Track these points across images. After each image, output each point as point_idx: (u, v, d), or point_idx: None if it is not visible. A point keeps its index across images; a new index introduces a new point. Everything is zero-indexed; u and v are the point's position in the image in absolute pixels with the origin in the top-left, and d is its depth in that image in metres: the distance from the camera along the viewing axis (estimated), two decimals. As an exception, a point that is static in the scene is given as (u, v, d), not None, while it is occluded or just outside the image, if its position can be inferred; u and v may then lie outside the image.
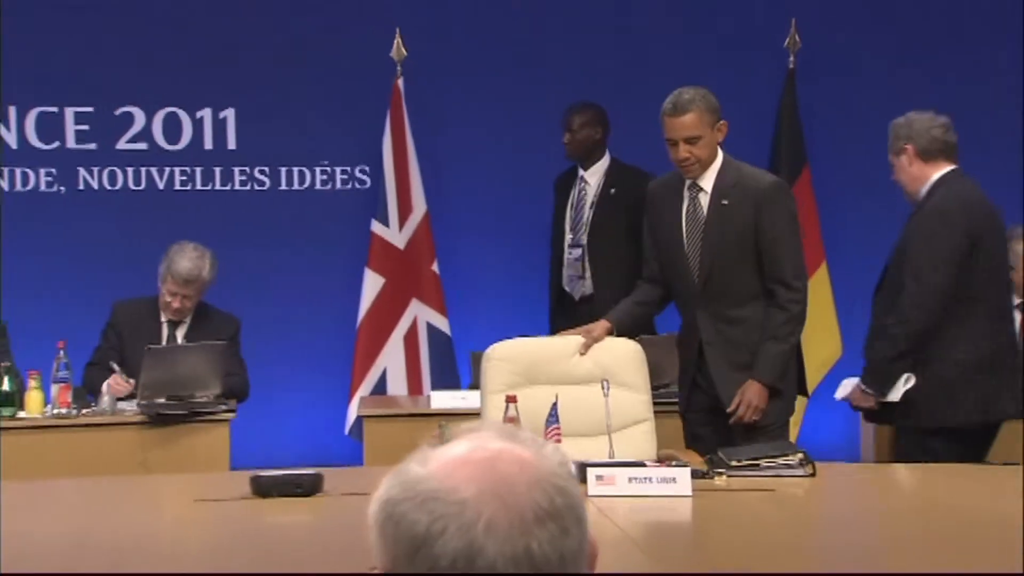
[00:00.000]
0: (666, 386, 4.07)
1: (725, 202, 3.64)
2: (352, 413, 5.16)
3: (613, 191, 4.89)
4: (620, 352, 3.59)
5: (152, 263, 4.57)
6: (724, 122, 3.64)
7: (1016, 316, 4.60)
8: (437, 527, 0.96)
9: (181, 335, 4.54)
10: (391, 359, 5.31)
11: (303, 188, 5.59)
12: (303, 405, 5.49)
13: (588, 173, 4.96)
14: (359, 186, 5.61)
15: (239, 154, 5.55)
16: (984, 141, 5.66)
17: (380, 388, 5.27)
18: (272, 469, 3.05)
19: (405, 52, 5.40)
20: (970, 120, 5.65)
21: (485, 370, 3.56)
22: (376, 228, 5.35)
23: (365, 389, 5.24)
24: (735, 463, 3.12)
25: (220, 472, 3.95)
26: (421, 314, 5.35)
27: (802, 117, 5.52)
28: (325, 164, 5.60)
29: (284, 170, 5.58)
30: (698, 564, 2.52)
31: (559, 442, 3.08)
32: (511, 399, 3.15)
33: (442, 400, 4.39)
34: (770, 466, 3.12)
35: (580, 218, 4.93)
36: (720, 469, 3.10)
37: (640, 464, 3.04)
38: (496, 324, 4.98)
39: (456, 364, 5.34)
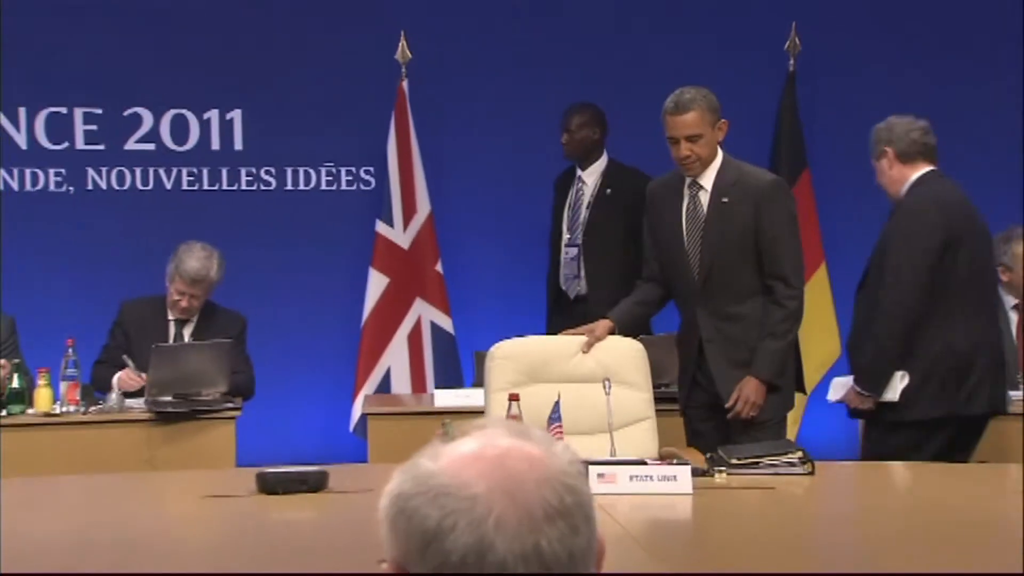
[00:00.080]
0: (666, 385, 4.08)
1: (725, 200, 3.65)
2: (356, 411, 5.17)
3: (609, 191, 4.89)
4: (622, 351, 3.61)
5: (159, 262, 4.58)
6: (724, 121, 3.67)
7: (1013, 316, 4.61)
8: (448, 522, 0.97)
9: (188, 334, 4.55)
10: (395, 358, 5.32)
11: (309, 188, 5.60)
12: (308, 403, 5.50)
13: (586, 173, 4.96)
14: (364, 187, 5.61)
15: (245, 155, 5.56)
16: (984, 142, 5.68)
17: (384, 386, 5.28)
18: (278, 466, 3.06)
19: (410, 55, 5.40)
20: (970, 122, 5.68)
21: (489, 368, 3.57)
22: (380, 228, 5.36)
23: (369, 387, 5.25)
24: (735, 461, 3.12)
25: (226, 469, 3.95)
26: (425, 313, 5.35)
27: (802, 119, 5.52)
28: (330, 165, 5.61)
29: (290, 170, 5.59)
30: (698, 561, 2.53)
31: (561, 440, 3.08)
32: (514, 397, 3.15)
33: (445, 398, 4.39)
34: (770, 464, 3.12)
35: (577, 218, 4.93)
36: (720, 467, 3.10)
37: (641, 462, 3.05)
38: (499, 323, 4.98)
39: (459, 363, 5.34)
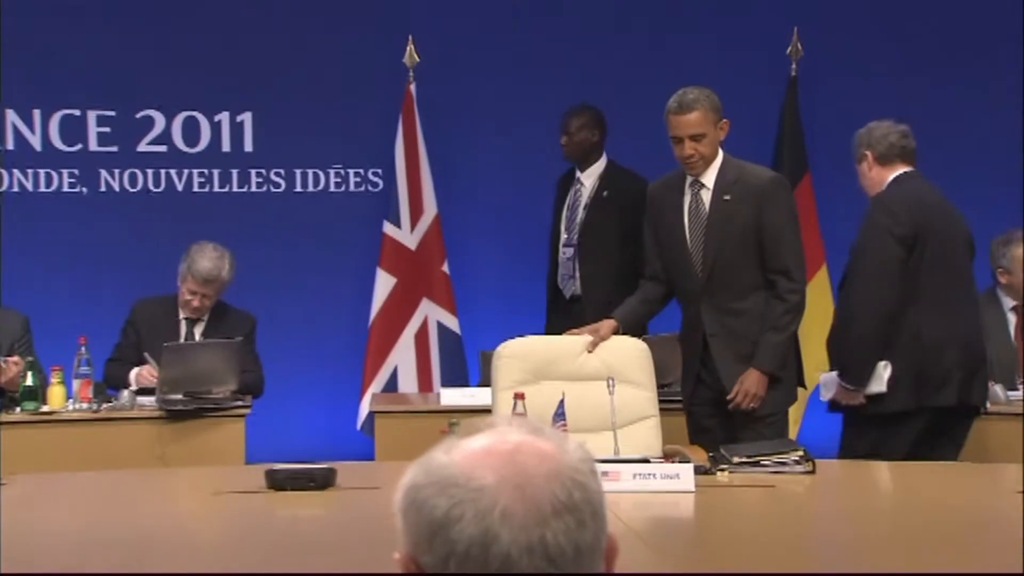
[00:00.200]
0: (669, 385, 4.08)
1: (727, 198, 3.68)
2: (364, 409, 5.17)
3: (606, 194, 4.88)
4: (626, 350, 3.63)
5: (171, 262, 4.59)
6: (726, 121, 3.70)
7: (1012, 318, 4.61)
8: (455, 512, 0.97)
9: (199, 333, 4.55)
10: (402, 357, 5.32)
11: (317, 190, 5.60)
12: (316, 401, 5.50)
13: (584, 175, 4.95)
14: (372, 188, 5.62)
15: (256, 157, 5.57)
16: (984, 145, 5.67)
17: (391, 385, 5.28)
18: (286, 463, 3.06)
19: (417, 58, 5.41)
20: (970, 125, 5.68)
21: (496, 367, 3.58)
22: (388, 229, 5.36)
23: (377, 386, 5.25)
24: (737, 460, 3.13)
25: (236, 466, 3.96)
26: (432, 313, 5.35)
27: (804, 123, 5.52)
28: (339, 167, 5.61)
29: (299, 172, 5.59)
30: (701, 558, 2.53)
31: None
32: (519, 396, 3.16)
33: (452, 397, 4.39)
34: (771, 463, 3.13)
35: (574, 218, 4.93)
36: (722, 466, 3.11)
37: (644, 460, 3.06)
38: (504, 323, 4.98)
39: (466, 362, 5.34)
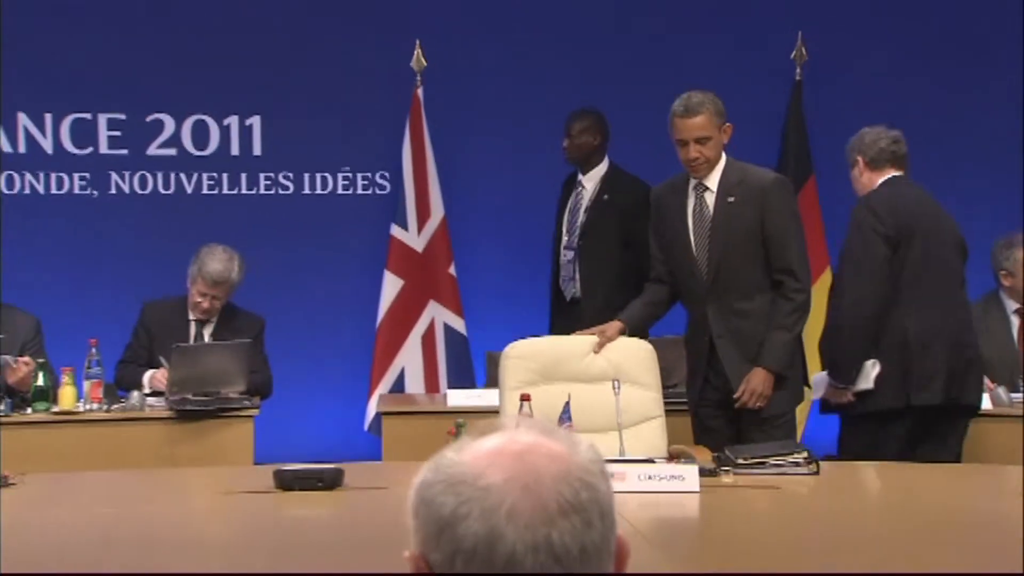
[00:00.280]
0: (674, 386, 4.08)
1: (731, 199, 3.69)
2: (371, 410, 5.17)
3: (607, 197, 4.87)
4: (632, 351, 3.64)
5: (180, 264, 4.59)
6: (729, 124, 3.72)
7: (1015, 320, 4.60)
8: (462, 510, 0.97)
9: (208, 334, 4.55)
10: (409, 358, 5.32)
11: (325, 193, 5.61)
12: (324, 402, 5.50)
13: (586, 178, 4.95)
14: (379, 191, 5.62)
15: (264, 160, 5.58)
16: (989, 149, 5.66)
17: (398, 386, 5.28)
18: (294, 463, 3.06)
19: (425, 62, 5.41)
20: (974, 128, 5.66)
21: (503, 368, 3.59)
22: (395, 232, 5.36)
23: (384, 387, 5.25)
24: (742, 461, 3.12)
25: (245, 466, 3.96)
26: (438, 315, 5.35)
27: (808, 127, 5.51)
28: (347, 170, 5.62)
29: (307, 175, 5.60)
30: (706, 558, 2.52)
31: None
32: (525, 397, 3.16)
33: (458, 398, 4.39)
34: (776, 464, 3.12)
35: (575, 221, 4.92)
36: (727, 467, 3.10)
37: (649, 461, 3.05)
38: (510, 325, 4.98)
39: (472, 363, 5.34)
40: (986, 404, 4.21)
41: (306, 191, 5.60)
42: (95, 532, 2.69)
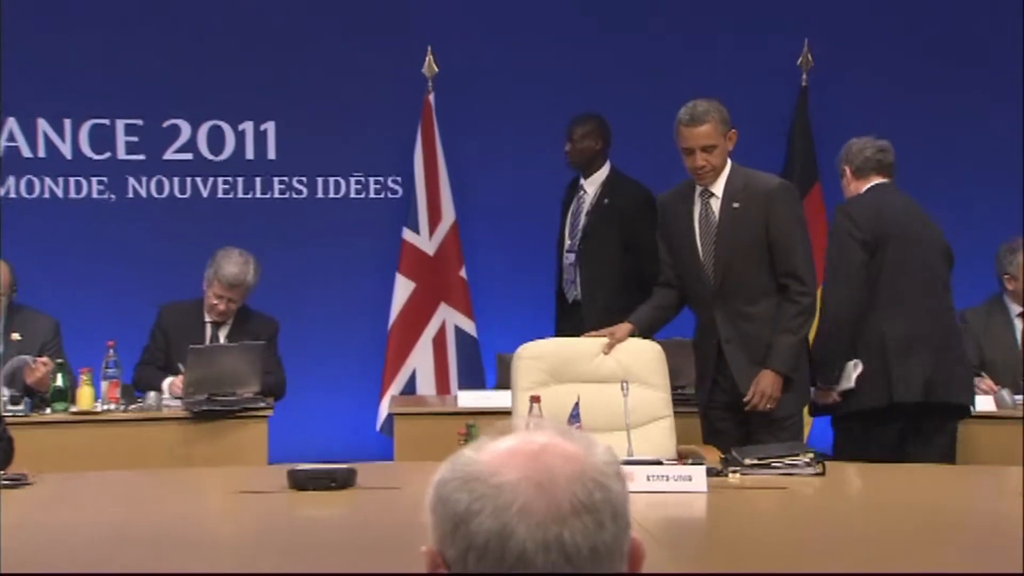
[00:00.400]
0: (682, 388, 4.08)
1: (736, 205, 3.70)
2: (383, 411, 5.17)
3: (607, 201, 4.87)
4: (641, 352, 3.66)
5: (196, 267, 4.60)
6: (734, 131, 3.73)
7: (1019, 324, 4.58)
8: (476, 507, 0.97)
9: (223, 336, 4.56)
10: (421, 360, 5.31)
11: (339, 197, 5.61)
12: (337, 403, 5.51)
13: (587, 182, 4.94)
14: (391, 195, 5.62)
15: (279, 164, 5.58)
16: (994, 153, 5.63)
17: (410, 387, 5.28)
18: (308, 463, 3.06)
19: (436, 68, 5.41)
20: (980, 133, 5.64)
21: (516, 368, 3.61)
22: (407, 235, 5.36)
23: (396, 388, 5.25)
24: (749, 462, 3.11)
25: (259, 466, 3.96)
26: (449, 317, 5.35)
27: (814, 133, 5.50)
28: (359, 174, 5.62)
29: (321, 180, 5.60)
30: (713, 558, 2.52)
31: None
32: (535, 399, 3.16)
33: (469, 399, 4.39)
34: (782, 465, 3.12)
35: (577, 225, 4.92)
36: (734, 468, 3.09)
37: (657, 462, 3.05)
38: (520, 327, 4.97)
39: (482, 365, 5.33)
40: (990, 406, 4.21)
41: (319, 195, 5.60)
42: (111, 531, 2.69)
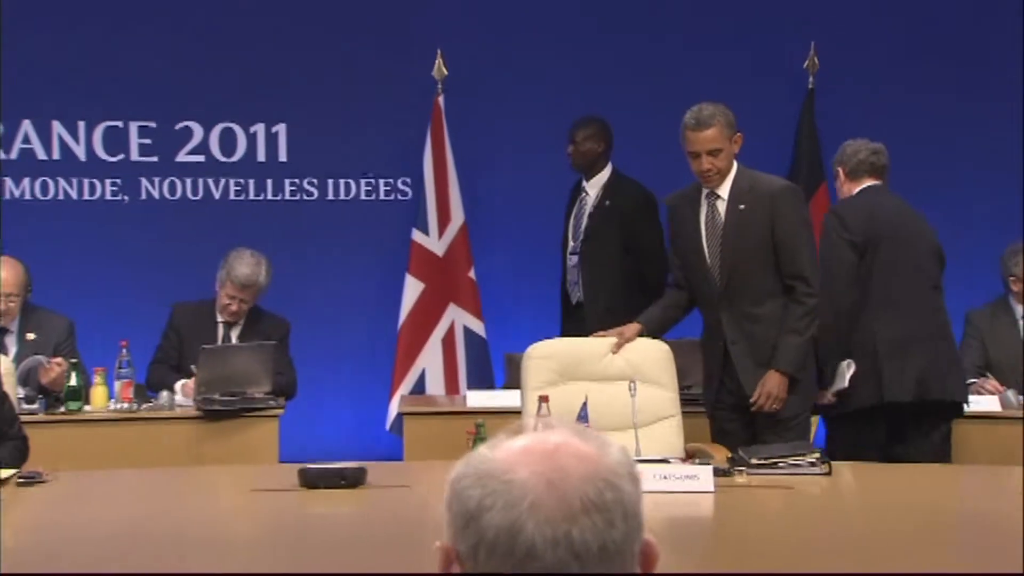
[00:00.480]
0: (689, 388, 4.07)
1: (742, 207, 3.70)
2: (393, 410, 5.17)
3: (608, 203, 4.87)
4: (650, 352, 3.67)
5: (208, 268, 4.60)
6: (740, 134, 3.73)
7: (1023, 325, 4.57)
8: (487, 502, 0.97)
9: (235, 336, 4.56)
10: (430, 360, 5.32)
11: (349, 198, 5.62)
12: (347, 402, 5.51)
13: (590, 184, 4.94)
14: (401, 197, 5.63)
15: (289, 166, 5.59)
16: (999, 156, 5.62)
17: (419, 387, 5.28)
18: (318, 462, 3.06)
19: (446, 71, 5.42)
20: (984, 136, 5.62)
21: (526, 368, 3.62)
22: (416, 236, 5.37)
23: (405, 388, 5.25)
24: (755, 461, 3.11)
25: (270, 464, 3.97)
26: (458, 318, 5.35)
27: (820, 135, 5.49)
28: (370, 176, 5.63)
29: (331, 181, 5.61)
30: (719, 557, 2.51)
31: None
32: (544, 399, 3.16)
33: (477, 399, 4.39)
34: (788, 465, 3.11)
35: (579, 226, 4.92)
36: (741, 467, 3.09)
37: (665, 461, 3.05)
38: (528, 328, 4.98)
39: (491, 365, 5.33)
40: (995, 407, 4.20)
41: (330, 197, 5.61)
42: (125, 528, 2.69)
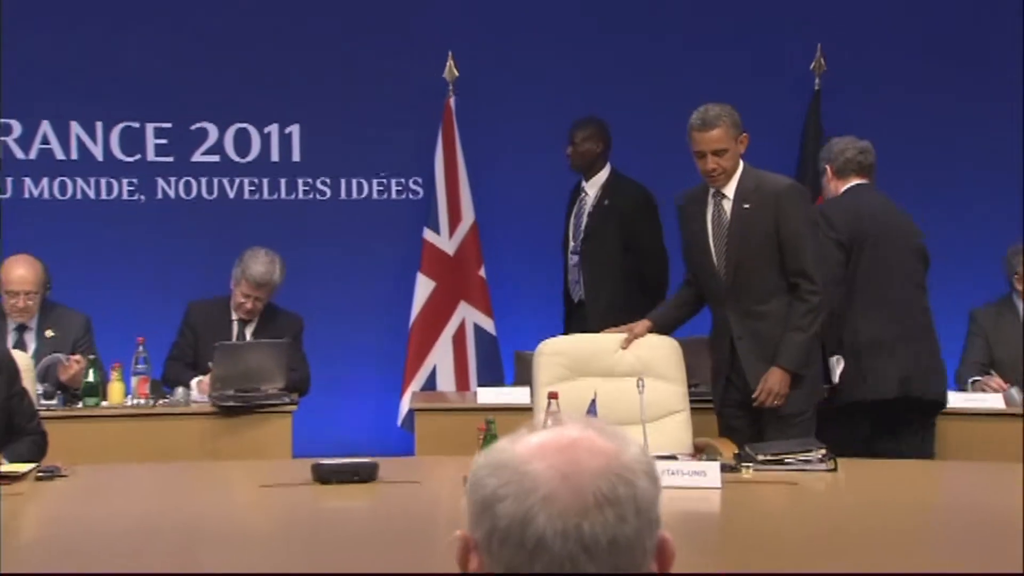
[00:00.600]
0: (696, 385, 4.07)
1: (747, 206, 3.70)
2: (404, 407, 5.18)
3: (607, 203, 4.87)
4: (659, 347, 3.69)
5: (223, 266, 4.62)
6: (745, 135, 3.73)
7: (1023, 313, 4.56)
8: (502, 491, 0.98)
9: (249, 333, 4.58)
10: (441, 357, 5.32)
11: (361, 198, 5.63)
12: (360, 399, 5.52)
13: (589, 184, 4.94)
14: (412, 196, 5.63)
15: (303, 166, 5.60)
16: (1004, 157, 5.60)
17: (430, 384, 5.28)
18: (331, 458, 3.07)
19: (457, 73, 5.42)
20: (989, 137, 5.60)
21: (537, 365, 3.63)
22: (428, 235, 5.37)
23: (416, 385, 5.26)
24: (762, 458, 3.11)
25: (283, 460, 3.98)
26: (469, 316, 5.35)
27: (826, 136, 5.47)
28: (382, 176, 5.63)
29: (344, 181, 5.62)
30: (726, 552, 2.51)
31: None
32: (553, 395, 3.16)
33: (487, 396, 4.39)
34: (794, 461, 3.11)
35: (579, 226, 4.92)
36: (747, 463, 3.09)
37: (672, 457, 3.05)
38: (538, 325, 4.97)
39: (501, 362, 5.34)
40: (999, 404, 4.19)
41: (343, 196, 5.62)
42: (141, 522, 2.71)
